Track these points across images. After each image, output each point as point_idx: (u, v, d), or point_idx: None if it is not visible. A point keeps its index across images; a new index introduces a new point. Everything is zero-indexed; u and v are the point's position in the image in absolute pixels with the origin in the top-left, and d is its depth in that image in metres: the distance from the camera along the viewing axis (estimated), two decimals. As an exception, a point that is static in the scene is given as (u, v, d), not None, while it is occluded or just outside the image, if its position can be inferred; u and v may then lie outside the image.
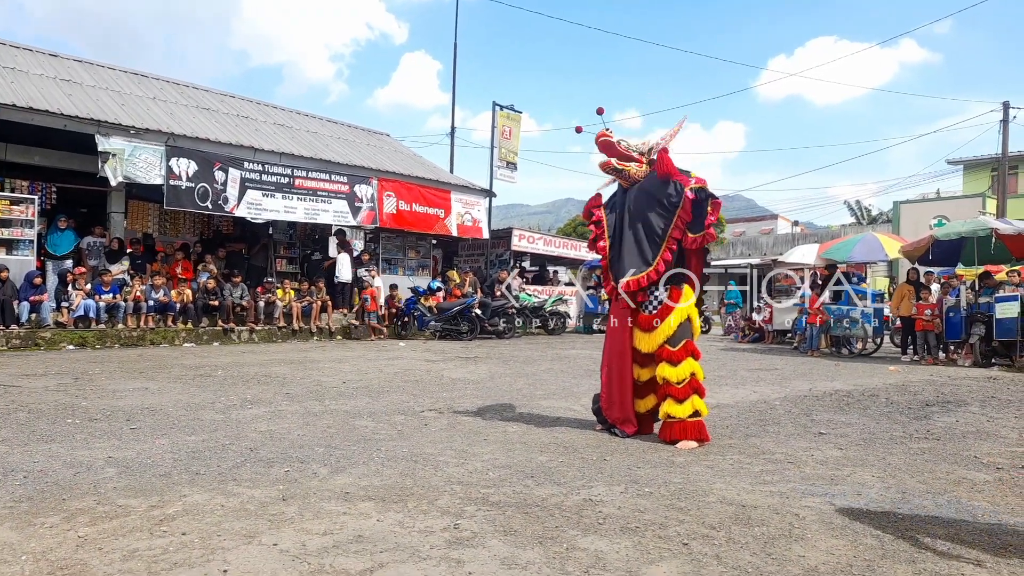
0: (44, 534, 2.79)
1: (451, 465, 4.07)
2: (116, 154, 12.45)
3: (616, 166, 5.20)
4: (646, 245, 5.04)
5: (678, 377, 4.81)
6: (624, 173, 5.23)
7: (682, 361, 4.85)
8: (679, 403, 4.77)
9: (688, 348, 4.90)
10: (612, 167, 5.22)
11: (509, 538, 2.87)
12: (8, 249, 11.71)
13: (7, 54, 14.40)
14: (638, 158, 5.22)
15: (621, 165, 5.19)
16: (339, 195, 15.82)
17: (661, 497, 3.49)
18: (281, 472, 3.83)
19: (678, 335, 4.90)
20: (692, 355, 4.90)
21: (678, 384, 4.80)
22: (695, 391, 4.83)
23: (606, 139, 5.20)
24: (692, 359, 4.89)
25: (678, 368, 4.83)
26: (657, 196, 5.02)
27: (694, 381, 4.85)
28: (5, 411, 5.42)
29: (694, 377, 4.86)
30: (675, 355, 4.85)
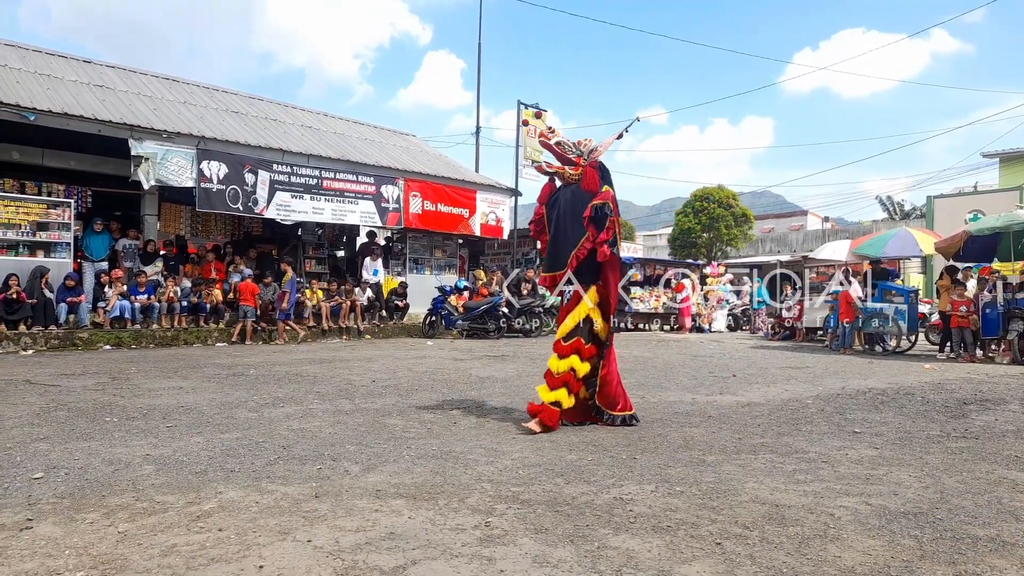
0: (85, 529, 2.85)
1: (481, 463, 4.08)
2: (149, 158, 12.70)
3: (547, 169, 5.46)
4: (562, 247, 5.33)
5: (557, 370, 5.13)
6: (560, 175, 5.43)
7: (567, 356, 5.14)
8: (549, 391, 5.10)
9: (575, 346, 5.15)
10: (543, 170, 5.50)
11: (540, 536, 2.87)
12: (46, 252, 12.00)
13: (43, 61, 14.75)
14: (576, 159, 5.35)
15: (553, 168, 5.41)
16: (366, 196, 15.96)
17: (692, 496, 3.47)
18: (314, 469, 3.88)
19: (572, 333, 5.19)
20: (578, 352, 5.14)
21: (556, 375, 5.11)
22: (565, 384, 5.09)
23: (544, 140, 5.43)
24: (577, 356, 5.14)
25: (561, 362, 5.14)
26: (581, 204, 5.23)
27: (568, 375, 5.11)
28: (46, 410, 5.55)
29: (570, 372, 5.12)
30: (563, 350, 5.17)
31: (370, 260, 16.14)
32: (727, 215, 32.64)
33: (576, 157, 5.32)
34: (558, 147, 5.33)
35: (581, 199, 5.24)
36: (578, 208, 5.23)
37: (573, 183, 5.35)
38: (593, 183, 5.22)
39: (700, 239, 33.28)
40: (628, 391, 7.17)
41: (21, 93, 12.14)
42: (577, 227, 5.23)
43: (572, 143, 5.38)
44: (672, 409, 6.16)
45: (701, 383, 7.99)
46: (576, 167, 5.32)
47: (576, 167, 5.32)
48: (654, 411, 6.04)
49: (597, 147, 5.41)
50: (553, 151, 5.36)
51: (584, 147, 5.37)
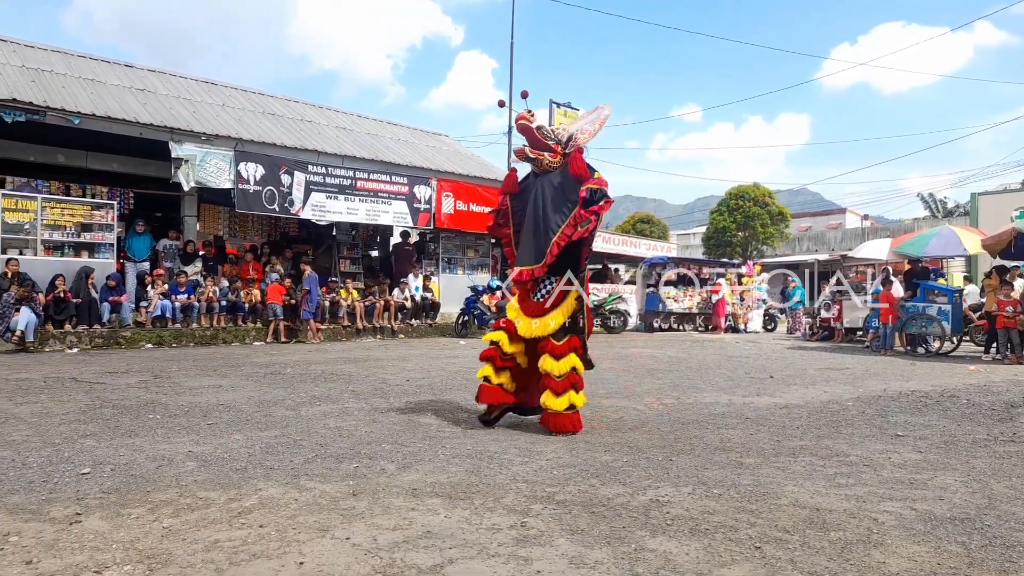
0: (132, 524, 2.92)
1: (515, 463, 4.08)
2: (188, 160, 12.96)
3: (529, 155, 5.17)
4: (542, 238, 5.03)
5: (559, 371, 4.89)
6: (537, 162, 5.19)
7: (564, 356, 4.93)
8: (556, 396, 4.87)
9: (571, 344, 4.98)
10: (525, 155, 5.19)
11: (576, 537, 2.86)
12: (90, 253, 12.32)
13: (86, 66, 15.15)
14: (554, 147, 5.15)
15: (534, 154, 5.15)
16: (399, 196, 16.07)
17: (730, 499, 3.43)
18: (351, 468, 3.92)
19: (563, 331, 4.99)
20: (574, 350, 4.98)
21: (558, 378, 4.88)
22: (573, 386, 4.93)
23: (525, 123, 5.14)
24: (574, 354, 4.97)
25: (560, 363, 4.91)
26: (564, 192, 5.02)
27: (573, 376, 4.94)
28: (92, 407, 5.70)
29: (574, 372, 4.95)
30: (559, 350, 4.93)
31: (412, 277, 16.22)
32: (763, 213, 32.19)
33: (554, 144, 5.12)
34: (538, 132, 5.09)
35: (564, 186, 5.02)
36: (560, 195, 5.00)
37: (551, 170, 5.12)
38: (583, 168, 4.98)
39: (735, 238, 32.87)
40: (661, 392, 7.14)
41: (66, 98, 12.49)
42: (557, 215, 4.98)
43: (549, 129, 5.17)
44: (708, 410, 6.09)
45: (737, 384, 7.89)
46: (554, 154, 5.11)
47: (554, 154, 5.11)
48: (689, 412, 5.98)
49: (575, 135, 5.17)
50: (533, 136, 5.09)
51: (560, 134, 5.16)
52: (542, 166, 5.15)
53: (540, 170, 5.20)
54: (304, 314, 13.22)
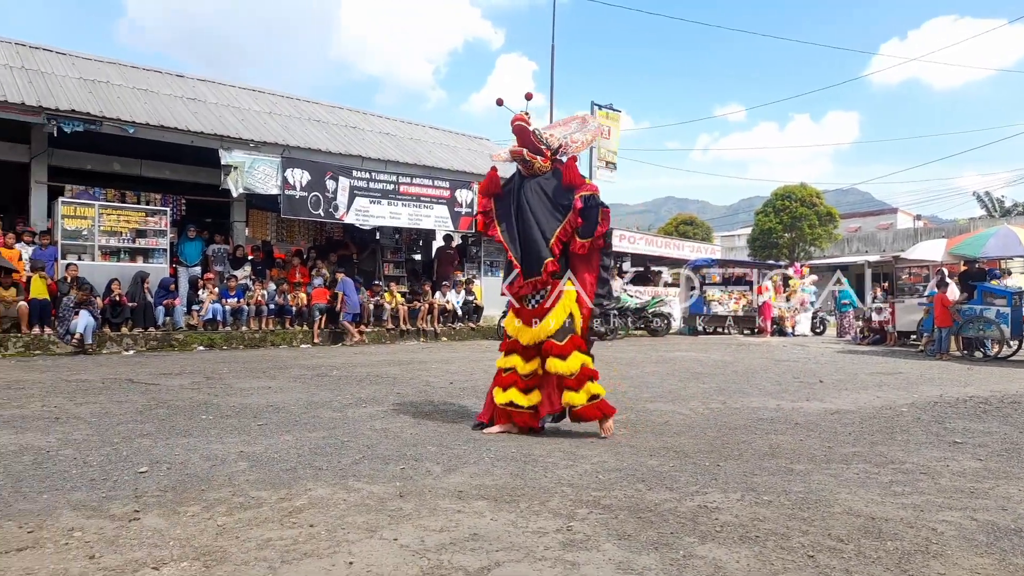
0: (187, 522, 3.00)
1: (560, 467, 4.07)
2: (237, 167, 13.29)
3: (526, 157, 5.10)
4: (540, 245, 4.97)
5: (569, 370, 4.89)
6: (530, 164, 5.12)
7: (570, 354, 4.91)
8: (575, 392, 4.90)
9: (575, 342, 4.95)
10: (523, 157, 5.11)
11: (623, 542, 2.83)
12: (145, 257, 12.73)
13: (140, 77, 15.66)
14: (545, 151, 5.10)
15: (530, 157, 5.08)
16: (441, 200, 16.20)
17: (781, 506, 3.36)
18: (397, 469, 3.96)
19: (563, 331, 4.94)
20: (578, 348, 4.96)
21: (570, 376, 4.89)
22: (589, 378, 4.94)
23: (522, 125, 5.05)
24: (579, 352, 4.95)
25: (568, 361, 4.89)
26: (555, 198, 4.99)
27: (585, 370, 4.94)
28: (148, 407, 5.88)
29: (584, 367, 4.94)
30: (563, 350, 4.92)
31: (454, 292, 16.32)
32: (810, 214, 31.54)
33: (545, 149, 5.08)
34: (534, 135, 5.04)
35: (557, 192, 4.98)
36: (552, 201, 4.98)
37: (539, 175, 5.08)
38: (577, 176, 4.99)
39: (781, 239, 32.27)
40: (707, 396, 7.04)
41: (121, 108, 12.93)
42: (552, 221, 4.95)
43: (544, 134, 5.13)
44: (755, 415, 5.99)
45: (785, 389, 7.73)
46: (545, 159, 5.08)
47: (545, 159, 5.08)
48: (736, 417, 5.88)
49: (566, 144, 5.14)
50: (528, 138, 5.05)
51: (551, 141, 5.12)
52: (533, 169, 5.11)
53: (529, 173, 5.15)
54: (344, 316, 13.43)
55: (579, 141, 5.24)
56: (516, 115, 5.07)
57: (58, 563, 2.52)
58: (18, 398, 6.18)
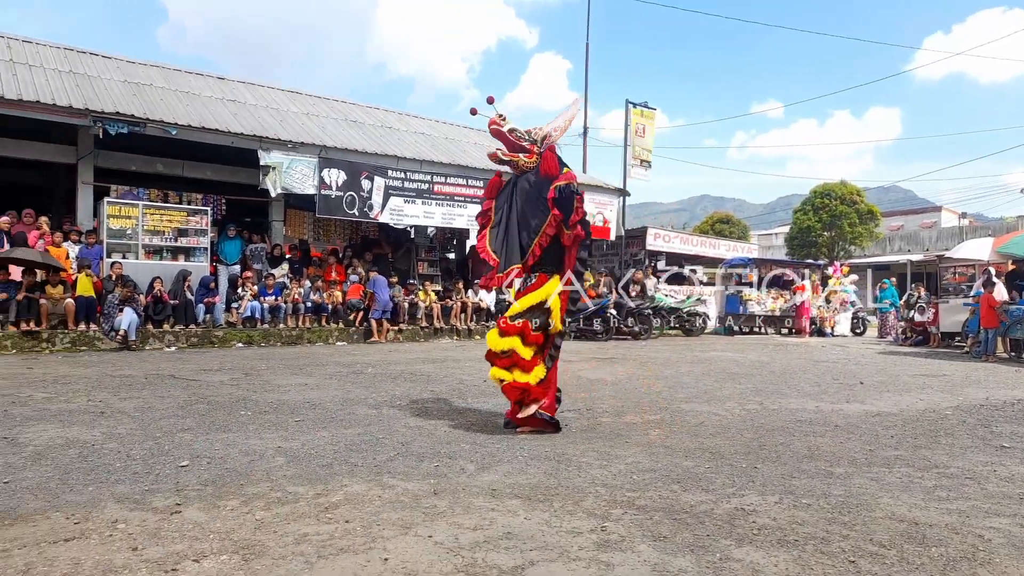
0: (227, 515, 3.06)
1: (594, 467, 4.05)
2: (275, 167, 13.50)
3: (502, 157, 5.13)
4: (524, 240, 5.01)
5: (499, 348, 4.91)
6: (513, 163, 5.15)
7: (509, 335, 4.91)
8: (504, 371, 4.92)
9: (521, 328, 4.91)
10: (499, 159, 5.16)
11: (659, 544, 2.81)
12: (186, 256, 13.01)
13: (182, 79, 16.00)
14: (529, 147, 5.11)
15: (508, 156, 5.12)
16: (474, 200, 16.23)
17: (820, 509, 3.29)
18: (431, 466, 3.98)
19: (523, 314, 4.94)
20: (522, 336, 4.90)
21: (501, 353, 4.91)
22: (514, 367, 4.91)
23: (496, 127, 5.10)
24: (519, 339, 4.90)
25: (502, 340, 4.92)
26: (539, 191, 5.00)
27: (516, 357, 4.90)
28: (188, 402, 6.01)
29: (515, 354, 4.90)
30: (507, 329, 4.92)
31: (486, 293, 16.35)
32: (850, 212, 30.88)
33: (529, 144, 5.11)
34: (511, 134, 5.09)
35: (539, 185, 5.02)
36: (536, 194, 5.00)
37: (528, 171, 5.12)
38: (553, 166, 5.00)
39: (821, 238, 31.67)
40: (743, 397, 6.95)
41: (164, 110, 13.23)
42: (537, 214, 4.96)
43: (523, 131, 5.15)
44: (793, 417, 5.88)
45: (824, 390, 7.58)
46: (530, 154, 5.10)
47: (530, 154, 5.10)
48: (774, 419, 5.79)
49: (550, 133, 5.18)
50: (505, 139, 5.08)
51: (536, 134, 5.15)
52: (519, 167, 5.16)
53: (518, 171, 5.21)
54: (373, 314, 13.56)
55: (558, 128, 5.27)
56: (490, 120, 5.13)
57: (103, 554, 2.59)
58: (65, 393, 6.37)
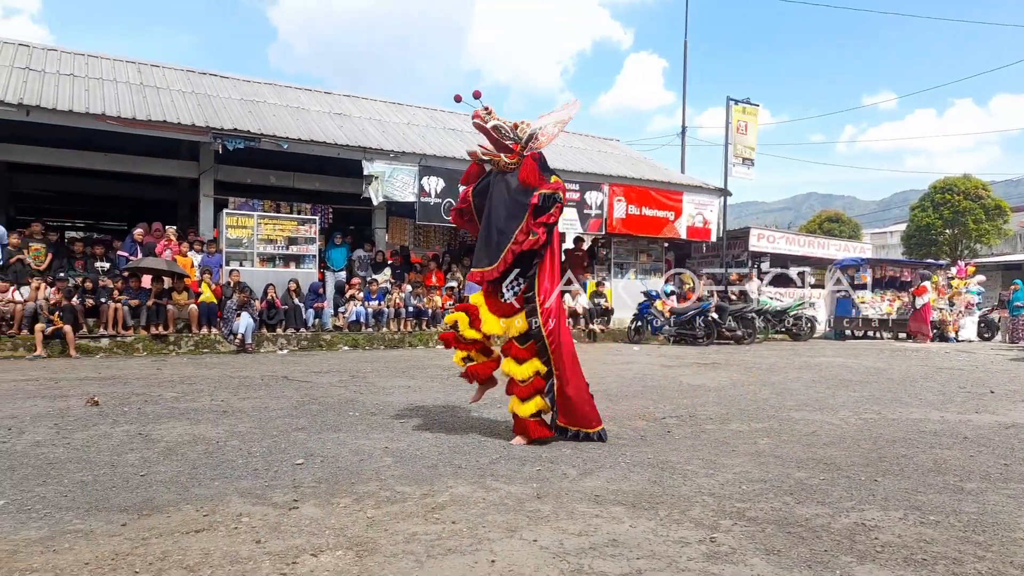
0: (340, 512, 3.18)
1: (700, 475, 3.95)
2: (378, 176, 13.99)
3: (482, 156, 4.86)
4: (496, 241, 4.79)
5: (522, 376, 4.73)
6: (493, 163, 4.86)
7: (527, 360, 4.77)
8: (522, 402, 4.73)
9: (532, 349, 4.78)
10: (478, 157, 4.89)
11: (772, 558, 2.70)
12: (296, 263, 13.69)
13: (292, 95, 16.87)
14: (512, 146, 4.78)
15: (488, 155, 4.83)
16: (569, 203, 16.22)
17: (951, 527, 3.07)
18: (533, 471, 4.00)
19: (527, 335, 4.79)
20: (537, 355, 4.78)
21: (522, 383, 4.73)
22: (538, 391, 4.76)
23: (479, 123, 4.77)
24: (537, 359, 4.78)
25: (523, 367, 4.75)
26: (516, 195, 4.78)
27: (538, 381, 4.77)
28: (301, 403, 6.31)
29: (538, 377, 4.77)
30: (522, 353, 4.77)
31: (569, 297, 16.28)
32: (975, 208, 28.71)
33: (513, 143, 4.80)
34: (495, 131, 4.77)
35: (517, 191, 4.74)
36: (514, 198, 4.75)
37: (509, 171, 4.83)
38: (533, 175, 4.68)
39: (942, 236, 29.62)
40: (859, 405, 6.58)
41: (276, 125, 13.98)
42: (511, 221, 4.73)
43: (509, 127, 4.81)
44: (916, 427, 5.51)
45: (950, 399, 7.07)
46: (512, 154, 4.79)
47: (512, 154, 4.79)
48: (894, 429, 5.44)
49: (537, 134, 4.83)
50: (489, 135, 4.79)
51: (521, 131, 4.81)
52: (499, 167, 4.89)
53: (498, 170, 4.93)
54: None
55: (547, 134, 4.93)
56: (474, 112, 4.82)
57: (230, 545, 2.75)
58: (191, 392, 6.83)
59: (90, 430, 4.92)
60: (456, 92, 4.97)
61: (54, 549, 2.70)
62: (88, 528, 2.93)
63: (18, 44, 14.63)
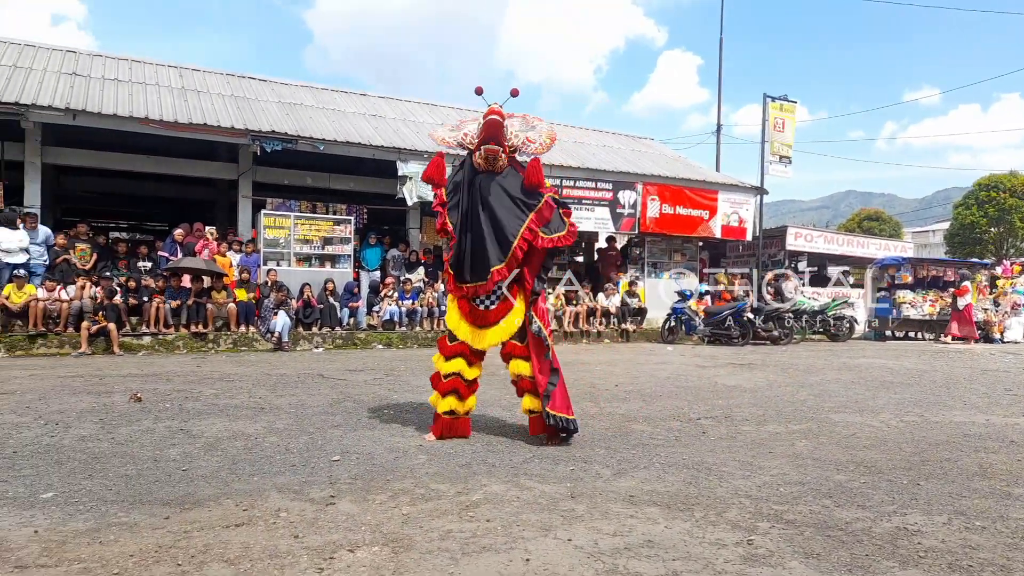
0: (376, 509, 3.22)
1: (736, 477, 3.90)
2: (412, 177, 14.08)
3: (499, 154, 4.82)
4: (498, 242, 4.78)
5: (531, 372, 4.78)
6: (494, 160, 4.83)
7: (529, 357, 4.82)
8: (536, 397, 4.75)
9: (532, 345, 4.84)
10: (497, 155, 4.82)
11: (811, 562, 2.65)
12: (332, 263, 13.87)
13: (328, 97, 17.07)
14: (506, 148, 4.85)
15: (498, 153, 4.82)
16: (602, 203, 16.15)
17: (997, 533, 2.98)
18: (567, 470, 3.99)
19: (523, 332, 4.85)
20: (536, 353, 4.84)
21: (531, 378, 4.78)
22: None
23: (498, 119, 4.80)
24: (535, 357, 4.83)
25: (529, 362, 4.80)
26: (517, 195, 4.83)
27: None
28: (337, 400, 6.39)
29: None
30: (524, 351, 4.83)
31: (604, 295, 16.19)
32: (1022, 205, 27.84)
33: (507, 146, 4.88)
34: (504, 130, 4.86)
35: (514, 187, 4.85)
36: (514, 197, 4.82)
37: (498, 172, 4.86)
38: (541, 178, 4.87)
39: (987, 234, 28.80)
40: (901, 408, 6.44)
41: (313, 127, 14.17)
42: (515, 218, 4.78)
43: (511, 132, 4.94)
44: (960, 431, 5.37)
45: (995, 402, 6.87)
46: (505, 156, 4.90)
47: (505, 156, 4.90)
48: (937, 432, 5.31)
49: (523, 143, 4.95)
50: (501, 133, 4.82)
51: (513, 138, 4.92)
52: (496, 166, 4.88)
53: (486, 169, 4.88)
54: None
55: (543, 144, 5.05)
56: (493, 107, 4.87)
57: (269, 540, 2.80)
58: (230, 390, 6.96)
59: (133, 425, 5.04)
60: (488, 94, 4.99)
61: (100, 541, 2.77)
62: (132, 521, 3.01)
63: (65, 51, 15.06)
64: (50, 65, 13.67)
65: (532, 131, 5.13)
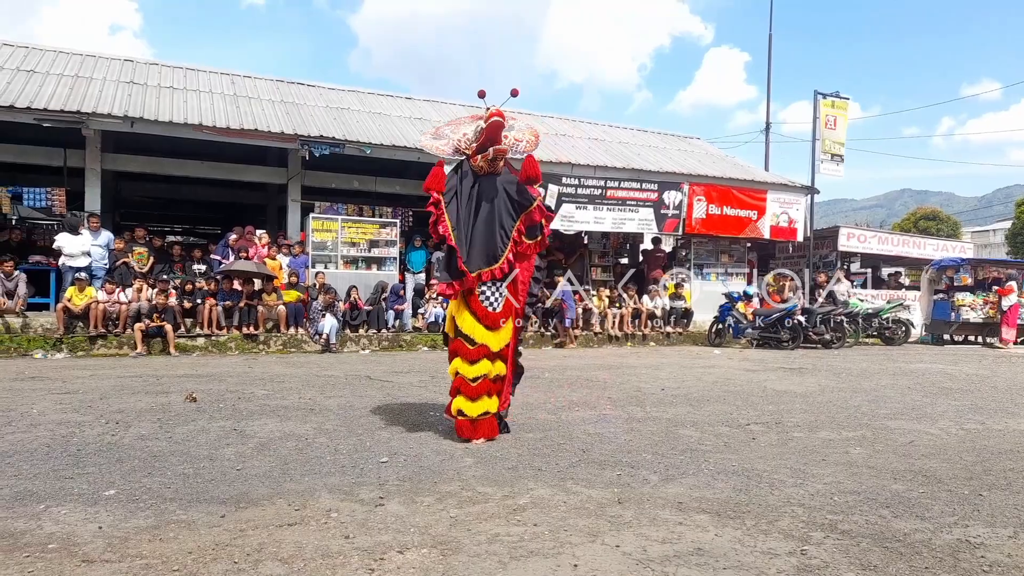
0: (424, 511, 3.25)
1: (788, 485, 3.82)
2: (456, 179, 14.17)
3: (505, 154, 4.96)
4: (497, 240, 4.90)
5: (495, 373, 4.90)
6: (496, 163, 4.91)
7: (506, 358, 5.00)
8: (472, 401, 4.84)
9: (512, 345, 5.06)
10: (504, 156, 4.92)
11: (868, 573, 2.58)
12: (378, 266, 14.05)
13: (375, 101, 17.31)
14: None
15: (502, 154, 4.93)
16: (647, 203, 15.99)
17: (1068, 549, 2.85)
18: (613, 475, 3.97)
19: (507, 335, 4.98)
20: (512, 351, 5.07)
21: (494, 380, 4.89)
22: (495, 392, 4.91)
23: (500, 121, 4.86)
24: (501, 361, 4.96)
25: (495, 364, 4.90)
26: (513, 195, 4.95)
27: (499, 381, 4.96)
28: (384, 402, 6.47)
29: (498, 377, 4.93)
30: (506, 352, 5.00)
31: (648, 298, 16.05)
32: (1091, 203, 26.60)
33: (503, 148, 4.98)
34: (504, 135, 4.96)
35: (511, 187, 4.96)
36: (510, 198, 4.94)
37: (498, 175, 4.97)
38: (538, 172, 4.98)
39: (1051, 233, 27.61)
40: (960, 415, 6.22)
41: (360, 131, 14.38)
42: (509, 218, 4.93)
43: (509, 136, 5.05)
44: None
45: (1064, 410, 6.58)
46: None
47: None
48: (1000, 440, 5.11)
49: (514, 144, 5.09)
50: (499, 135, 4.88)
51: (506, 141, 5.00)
52: (496, 169, 4.98)
53: (486, 172, 4.96)
54: (566, 321, 13.76)
55: (531, 142, 5.24)
56: (497, 110, 4.90)
57: (320, 540, 2.86)
58: (280, 391, 7.11)
59: (189, 425, 5.20)
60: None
61: (161, 538, 2.86)
62: (190, 519, 3.10)
63: (123, 60, 15.62)
64: (109, 74, 14.19)
65: (512, 130, 5.25)
